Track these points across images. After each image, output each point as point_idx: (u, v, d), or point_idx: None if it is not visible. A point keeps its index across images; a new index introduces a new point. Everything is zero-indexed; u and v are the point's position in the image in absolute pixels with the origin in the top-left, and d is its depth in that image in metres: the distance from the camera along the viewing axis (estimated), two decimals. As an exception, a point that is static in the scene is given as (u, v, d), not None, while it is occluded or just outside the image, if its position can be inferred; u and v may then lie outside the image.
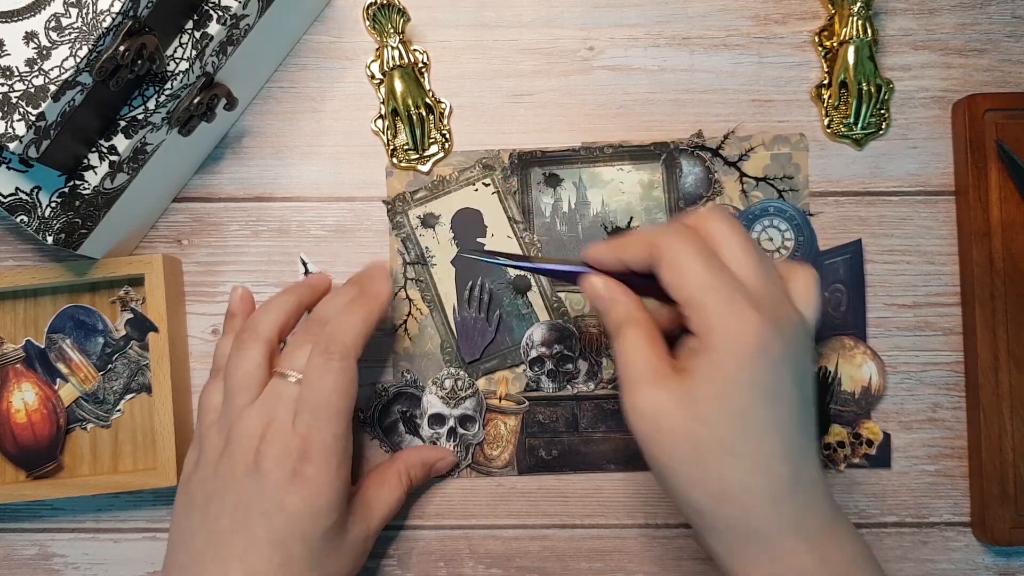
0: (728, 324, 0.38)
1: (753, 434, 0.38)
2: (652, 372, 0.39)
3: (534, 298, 0.53)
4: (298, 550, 0.42)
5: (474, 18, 0.54)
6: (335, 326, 0.45)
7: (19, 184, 0.45)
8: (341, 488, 0.44)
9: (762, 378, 0.38)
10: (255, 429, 0.44)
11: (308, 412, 0.43)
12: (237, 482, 0.43)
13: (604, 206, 0.54)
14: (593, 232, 0.53)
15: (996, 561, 0.52)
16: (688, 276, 0.39)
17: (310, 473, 0.43)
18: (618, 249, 0.43)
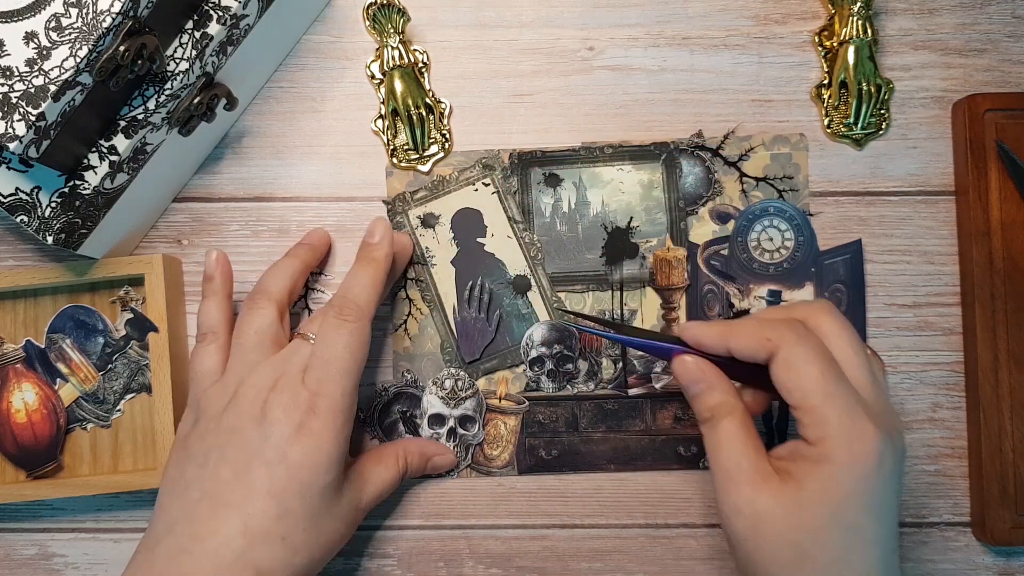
0: (848, 439, 0.38)
1: (859, 548, 0.38)
2: (754, 472, 0.39)
3: (534, 298, 0.53)
4: (295, 503, 0.42)
5: (474, 18, 0.54)
6: (346, 288, 0.47)
7: (19, 184, 0.45)
8: (342, 446, 0.44)
9: (876, 494, 0.38)
10: (266, 382, 0.44)
11: (319, 367, 0.44)
12: (242, 432, 0.43)
13: (604, 206, 0.54)
14: (593, 232, 0.53)
15: (996, 561, 0.52)
16: (807, 381, 0.39)
17: (315, 426, 0.43)
18: (727, 336, 0.42)
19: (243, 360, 0.46)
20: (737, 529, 0.39)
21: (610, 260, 0.53)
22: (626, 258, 0.53)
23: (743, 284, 0.53)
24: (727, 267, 0.53)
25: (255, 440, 0.43)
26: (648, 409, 0.53)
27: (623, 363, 0.53)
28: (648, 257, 0.53)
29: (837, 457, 0.38)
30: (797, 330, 0.40)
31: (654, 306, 0.53)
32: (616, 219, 0.53)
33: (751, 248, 0.53)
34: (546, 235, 0.54)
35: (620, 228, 0.53)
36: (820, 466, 0.38)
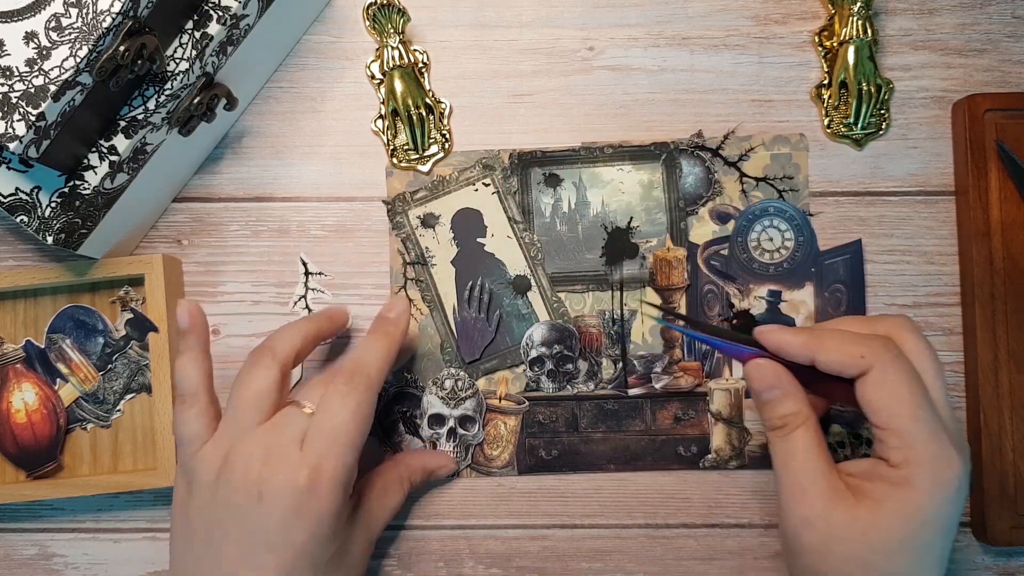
0: (934, 465, 0.38)
1: (928, 568, 0.39)
2: (828, 487, 0.39)
3: (534, 298, 0.53)
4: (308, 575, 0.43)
5: (474, 18, 0.54)
6: (358, 357, 0.46)
7: (19, 184, 0.45)
8: (344, 515, 0.44)
9: (951, 519, 0.39)
10: (257, 452, 0.42)
11: (322, 439, 0.43)
12: (239, 510, 0.42)
13: (604, 206, 0.54)
14: (593, 232, 0.53)
15: (996, 561, 0.52)
16: (897, 402, 0.39)
17: (316, 507, 0.42)
18: (815, 348, 0.41)
19: (236, 422, 0.44)
20: (805, 542, 0.39)
21: (610, 260, 0.53)
22: (626, 258, 0.53)
23: (743, 284, 0.53)
24: (727, 267, 0.53)
25: (255, 521, 0.42)
26: (648, 409, 0.53)
27: (623, 363, 0.53)
28: (648, 257, 0.53)
29: (921, 482, 0.38)
30: (891, 349, 0.40)
31: (654, 306, 0.53)
32: (616, 219, 0.53)
33: (751, 248, 0.53)
34: (546, 235, 0.54)
35: (620, 228, 0.53)
36: (901, 489, 0.38)
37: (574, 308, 0.53)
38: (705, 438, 0.53)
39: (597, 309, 0.53)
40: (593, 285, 0.53)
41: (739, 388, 0.53)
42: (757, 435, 0.53)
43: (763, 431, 0.53)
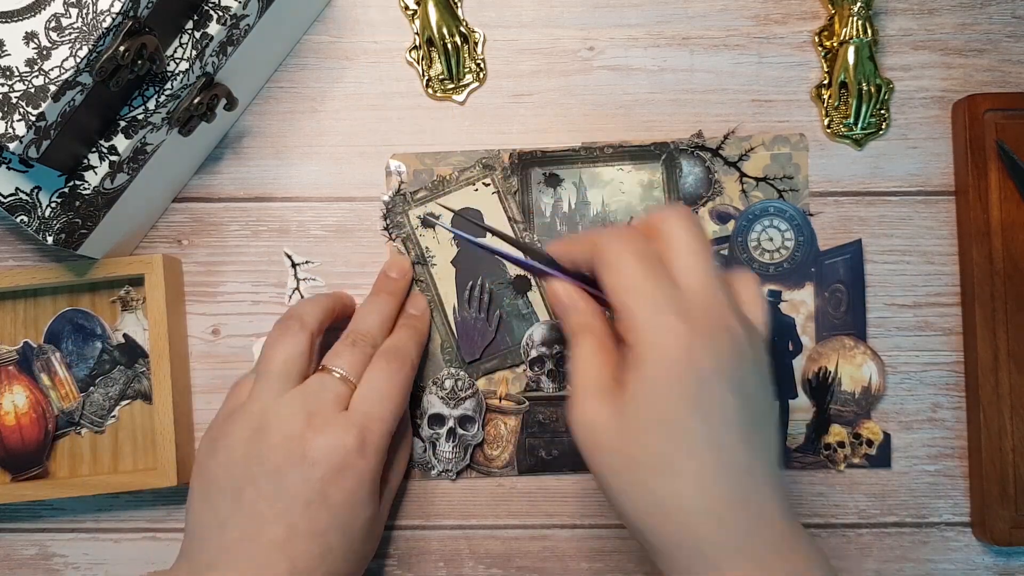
0: (654, 335, 0.36)
1: (685, 451, 0.36)
2: (596, 384, 0.38)
3: (534, 298, 0.53)
4: (338, 541, 0.42)
5: (474, 19, 0.54)
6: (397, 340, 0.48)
7: (19, 184, 0.45)
8: (379, 480, 0.45)
9: (692, 393, 0.36)
10: (297, 416, 0.43)
11: (367, 402, 0.44)
12: (279, 470, 0.42)
13: (604, 206, 0.54)
14: (593, 232, 0.53)
15: (996, 561, 0.52)
16: (623, 280, 0.38)
17: (360, 466, 0.43)
18: (568, 248, 0.42)
19: (268, 389, 0.44)
20: (579, 442, 0.38)
21: (610, 260, 0.53)
22: (626, 258, 0.53)
23: (743, 284, 0.53)
24: (727, 267, 0.53)
25: (294, 480, 0.42)
26: (648, 409, 0.53)
27: (623, 363, 0.53)
28: (648, 257, 0.53)
29: (646, 356, 0.36)
30: (625, 235, 0.39)
31: (654, 306, 0.53)
32: (616, 219, 0.53)
33: (751, 248, 0.53)
34: (546, 235, 0.54)
35: (620, 228, 0.53)
36: (636, 369, 0.37)
37: (574, 308, 0.53)
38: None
39: (597, 309, 0.53)
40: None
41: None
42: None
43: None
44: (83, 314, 0.53)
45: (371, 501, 0.44)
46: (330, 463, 0.42)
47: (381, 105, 0.54)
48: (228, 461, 0.43)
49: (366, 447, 0.43)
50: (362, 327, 0.48)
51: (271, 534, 0.41)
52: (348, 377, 0.45)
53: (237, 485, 0.42)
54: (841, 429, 0.53)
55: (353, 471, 0.42)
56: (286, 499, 0.42)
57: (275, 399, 0.44)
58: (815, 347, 0.53)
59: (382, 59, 0.54)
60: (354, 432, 0.43)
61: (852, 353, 0.53)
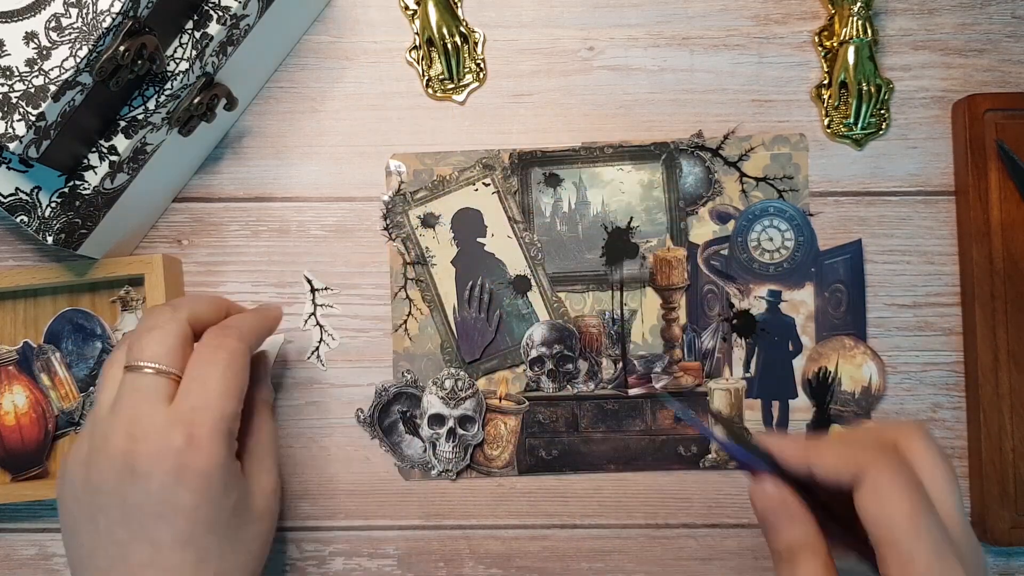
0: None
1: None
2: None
3: (534, 298, 0.53)
4: (209, 541, 0.40)
5: (474, 19, 0.54)
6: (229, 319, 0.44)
7: (19, 184, 0.45)
8: (234, 467, 0.42)
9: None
10: (117, 428, 0.40)
11: (193, 393, 0.40)
12: (116, 491, 0.40)
13: (604, 206, 0.54)
14: (593, 232, 0.53)
15: (996, 561, 0.52)
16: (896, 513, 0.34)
17: (198, 462, 0.39)
18: (812, 454, 0.36)
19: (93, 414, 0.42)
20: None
21: (610, 260, 0.53)
22: (626, 258, 0.53)
23: (743, 284, 0.53)
24: (727, 267, 0.53)
25: (136, 496, 0.39)
26: (648, 409, 0.53)
27: (623, 363, 0.53)
28: (648, 257, 0.53)
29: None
30: (888, 454, 0.35)
31: (654, 306, 0.53)
32: (616, 219, 0.53)
33: (751, 248, 0.53)
34: (546, 235, 0.54)
35: (620, 228, 0.53)
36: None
37: (574, 308, 0.53)
38: (705, 438, 0.53)
39: (597, 309, 0.53)
40: (593, 285, 0.53)
41: (739, 388, 0.53)
42: (757, 435, 0.53)
43: (763, 431, 0.53)
44: (83, 314, 0.53)
45: (229, 488, 0.41)
46: (163, 469, 0.39)
47: (381, 105, 0.54)
48: (73, 492, 0.41)
49: (197, 441, 0.39)
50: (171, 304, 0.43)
51: (136, 556, 0.39)
52: (162, 368, 0.41)
53: (89, 513, 0.40)
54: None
55: (191, 469, 0.39)
56: (137, 518, 0.39)
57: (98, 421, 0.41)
58: (815, 347, 0.53)
59: (382, 59, 0.54)
60: (179, 430, 0.39)
61: (852, 353, 0.53)
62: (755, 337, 0.53)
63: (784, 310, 0.53)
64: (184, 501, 0.39)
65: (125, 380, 0.41)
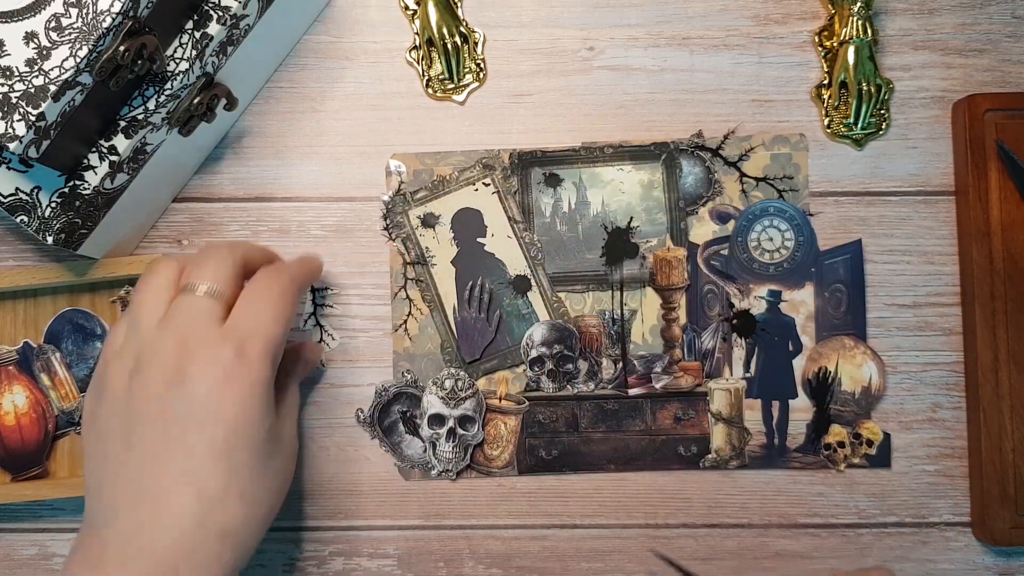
0: None
1: None
2: None
3: (534, 298, 0.53)
4: (243, 457, 0.40)
5: (474, 19, 0.54)
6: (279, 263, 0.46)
7: (19, 184, 0.45)
8: (272, 393, 0.42)
9: None
10: (169, 346, 0.40)
11: (247, 319, 0.41)
12: (159, 400, 0.40)
13: (604, 206, 0.54)
14: (593, 232, 0.53)
15: (996, 561, 0.52)
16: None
17: (246, 375, 0.40)
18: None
19: (137, 327, 0.42)
20: None
21: (610, 260, 0.53)
22: (626, 258, 0.53)
23: (743, 284, 0.53)
24: (727, 267, 0.53)
25: (179, 404, 0.39)
26: (648, 409, 0.53)
27: (623, 363, 0.53)
28: (648, 257, 0.53)
29: None
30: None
31: (654, 306, 0.53)
32: (616, 219, 0.53)
33: (751, 248, 0.53)
34: (546, 235, 0.54)
35: (620, 228, 0.53)
36: None
37: (574, 308, 0.53)
38: (705, 438, 0.53)
39: (597, 309, 0.53)
40: (593, 285, 0.53)
41: (739, 388, 0.53)
42: (757, 435, 0.53)
43: (763, 431, 0.53)
44: (83, 314, 0.53)
45: (269, 413, 0.41)
46: (213, 377, 0.39)
47: (381, 105, 0.54)
48: (112, 407, 0.41)
49: (247, 355, 0.40)
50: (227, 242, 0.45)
51: (169, 464, 0.39)
52: (214, 290, 0.42)
53: (125, 427, 0.40)
54: (841, 429, 0.53)
55: (239, 381, 0.40)
56: (177, 425, 0.39)
57: (146, 335, 0.41)
58: (815, 347, 0.53)
59: (382, 59, 0.54)
60: (231, 344, 0.40)
61: (852, 353, 0.53)
62: (755, 337, 0.53)
63: (784, 310, 0.53)
64: (227, 411, 0.40)
65: (179, 300, 0.42)
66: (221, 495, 0.39)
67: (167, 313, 0.42)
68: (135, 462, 0.40)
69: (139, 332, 0.42)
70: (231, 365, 0.40)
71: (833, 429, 0.53)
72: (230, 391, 0.40)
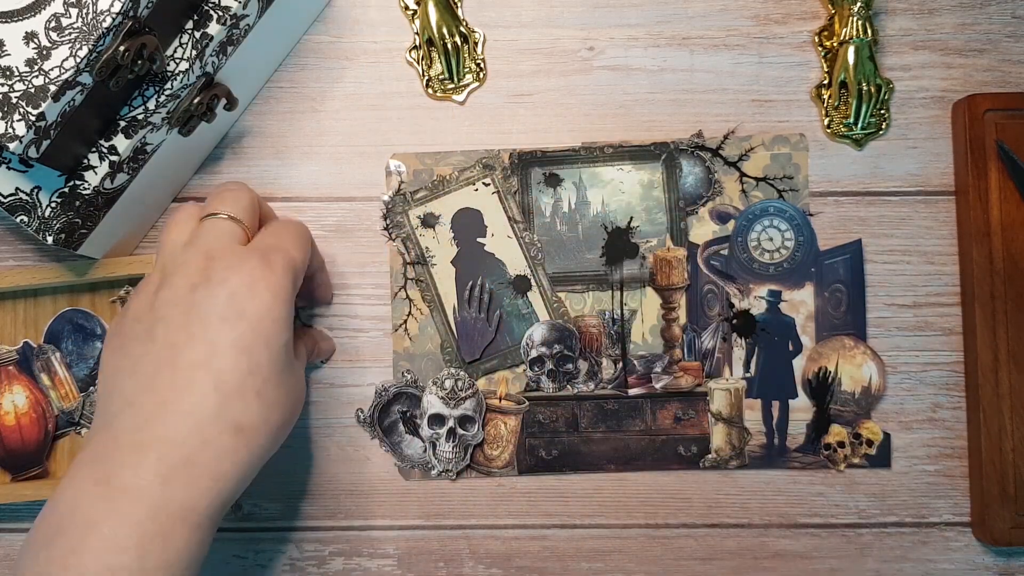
0: None
1: None
2: None
3: (534, 298, 0.53)
4: (264, 357, 0.40)
5: (474, 19, 0.54)
6: None
7: (19, 184, 0.45)
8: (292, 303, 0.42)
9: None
10: (196, 258, 0.41)
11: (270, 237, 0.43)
12: (183, 299, 0.40)
13: (604, 206, 0.54)
14: (593, 232, 0.53)
15: (996, 561, 0.52)
16: None
17: (271, 280, 0.40)
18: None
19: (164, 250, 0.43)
20: None
21: (610, 260, 0.53)
22: (626, 258, 0.53)
23: (743, 284, 0.53)
24: (727, 267, 0.53)
25: (205, 302, 0.39)
26: (648, 409, 0.53)
27: (623, 363, 0.53)
28: (648, 257, 0.53)
29: None
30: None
31: (654, 306, 0.53)
32: (616, 219, 0.53)
33: (751, 248, 0.53)
34: (546, 235, 0.54)
35: (620, 228, 0.53)
36: None
37: (574, 308, 0.53)
38: (705, 438, 0.53)
39: (597, 309, 0.53)
40: (593, 285, 0.53)
41: (739, 388, 0.53)
42: (757, 435, 0.53)
43: (763, 431, 0.53)
44: (83, 314, 0.53)
45: (289, 324, 0.41)
46: (240, 279, 0.40)
47: (381, 105, 0.54)
48: (136, 315, 0.41)
49: (272, 264, 0.41)
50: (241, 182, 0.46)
51: (189, 356, 0.39)
52: (236, 216, 0.43)
53: (148, 328, 0.40)
54: (841, 429, 0.53)
55: (264, 284, 0.40)
56: (200, 320, 0.39)
57: (171, 254, 0.42)
58: (815, 347, 0.53)
59: (382, 59, 0.54)
60: (256, 255, 0.41)
61: (852, 353, 0.53)
62: (755, 337, 0.53)
63: (784, 310, 0.53)
64: (251, 310, 0.40)
65: (203, 224, 0.42)
66: (239, 389, 0.39)
67: (191, 236, 0.42)
68: (152, 356, 0.39)
69: (164, 254, 0.43)
70: (257, 269, 0.40)
71: (833, 429, 0.53)
72: (255, 292, 0.40)
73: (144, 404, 0.39)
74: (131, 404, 0.39)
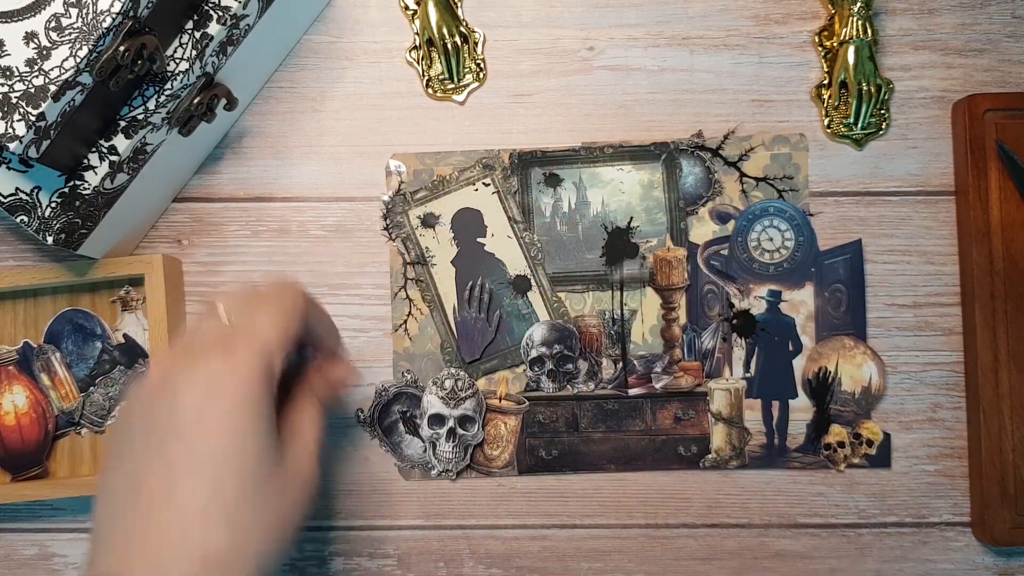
0: None
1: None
2: None
3: (534, 298, 0.53)
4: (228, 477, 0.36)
5: (474, 19, 0.54)
6: None
7: (19, 184, 0.45)
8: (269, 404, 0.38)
9: None
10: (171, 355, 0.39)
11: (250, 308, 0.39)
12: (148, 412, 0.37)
13: (604, 206, 0.54)
14: (593, 232, 0.53)
15: (996, 561, 0.52)
16: None
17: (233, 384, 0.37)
18: None
19: None
20: None
21: (610, 260, 0.53)
22: (626, 258, 0.53)
23: (743, 284, 0.53)
24: (727, 267, 0.53)
25: (161, 415, 0.36)
26: (648, 409, 0.53)
27: (623, 363, 0.53)
28: (648, 257, 0.53)
29: None
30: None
31: (654, 306, 0.53)
32: (616, 219, 0.53)
33: (751, 248, 0.53)
34: (546, 235, 0.54)
35: (620, 228, 0.53)
36: None
37: (574, 308, 0.53)
38: (705, 438, 0.53)
39: (597, 309, 0.53)
40: (593, 285, 0.53)
41: (739, 388, 0.53)
42: (757, 435, 0.53)
43: (763, 431, 0.53)
44: (83, 314, 0.53)
45: (260, 426, 0.37)
46: (195, 385, 0.36)
47: (381, 105, 0.54)
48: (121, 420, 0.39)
49: (233, 359, 0.37)
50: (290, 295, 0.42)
51: (149, 483, 0.36)
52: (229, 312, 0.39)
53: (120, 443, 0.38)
54: (841, 429, 0.53)
55: (225, 388, 0.36)
56: (156, 438, 0.36)
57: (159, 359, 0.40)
58: (815, 347, 0.53)
59: (382, 59, 0.54)
60: (217, 350, 0.37)
61: (852, 353, 0.53)
62: (755, 337, 0.53)
63: (784, 310, 0.53)
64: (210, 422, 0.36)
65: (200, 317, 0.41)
66: (200, 517, 0.35)
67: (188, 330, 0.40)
68: (120, 482, 0.37)
69: None
70: (217, 371, 0.37)
71: (833, 429, 0.53)
72: (214, 399, 0.36)
73: (114, 539, 0.36)
74: (102, 540, 0.37)
